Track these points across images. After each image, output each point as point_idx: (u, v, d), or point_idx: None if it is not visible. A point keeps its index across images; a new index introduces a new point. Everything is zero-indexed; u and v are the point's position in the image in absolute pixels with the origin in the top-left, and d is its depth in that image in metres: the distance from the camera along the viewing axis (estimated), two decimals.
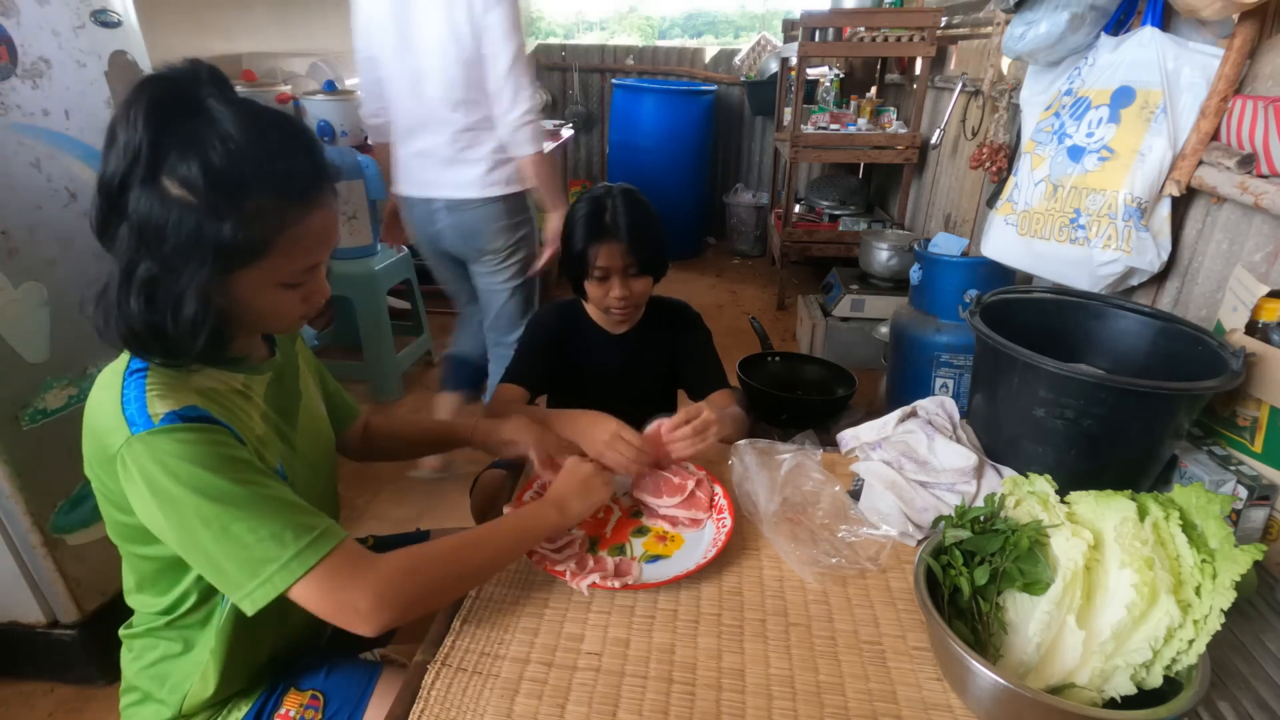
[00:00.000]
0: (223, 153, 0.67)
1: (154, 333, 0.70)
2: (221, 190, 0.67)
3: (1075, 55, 1.55)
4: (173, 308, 0.70)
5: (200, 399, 0.73)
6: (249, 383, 0.83)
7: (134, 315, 0.70)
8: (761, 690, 0.76)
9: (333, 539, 0.73)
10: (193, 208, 0.67)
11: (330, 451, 1.01)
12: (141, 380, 0.71)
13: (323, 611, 0.72)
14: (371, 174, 2.49)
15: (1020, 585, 0.74)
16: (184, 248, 0.68)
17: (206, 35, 2.88)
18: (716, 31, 7.66)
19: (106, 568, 1.52)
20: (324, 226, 0.76)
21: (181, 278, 0.69)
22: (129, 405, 0.70)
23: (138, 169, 0.67)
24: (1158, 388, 0.91)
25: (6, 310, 1.31)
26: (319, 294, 0.81)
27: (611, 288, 1.29)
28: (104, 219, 0.71)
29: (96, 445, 0.73)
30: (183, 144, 0.67)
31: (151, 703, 0.86)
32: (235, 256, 0.70)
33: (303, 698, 0.89)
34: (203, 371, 0.77)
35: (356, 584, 0.72)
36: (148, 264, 0.69)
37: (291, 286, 0.77)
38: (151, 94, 0.67)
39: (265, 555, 0.69)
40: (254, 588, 0.70)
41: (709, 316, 1.52)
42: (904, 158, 3.43)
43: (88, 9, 1.43)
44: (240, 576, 0.70)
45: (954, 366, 2.21)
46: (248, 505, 0.70)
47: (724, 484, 1.08)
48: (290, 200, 0.71)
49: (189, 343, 0.71)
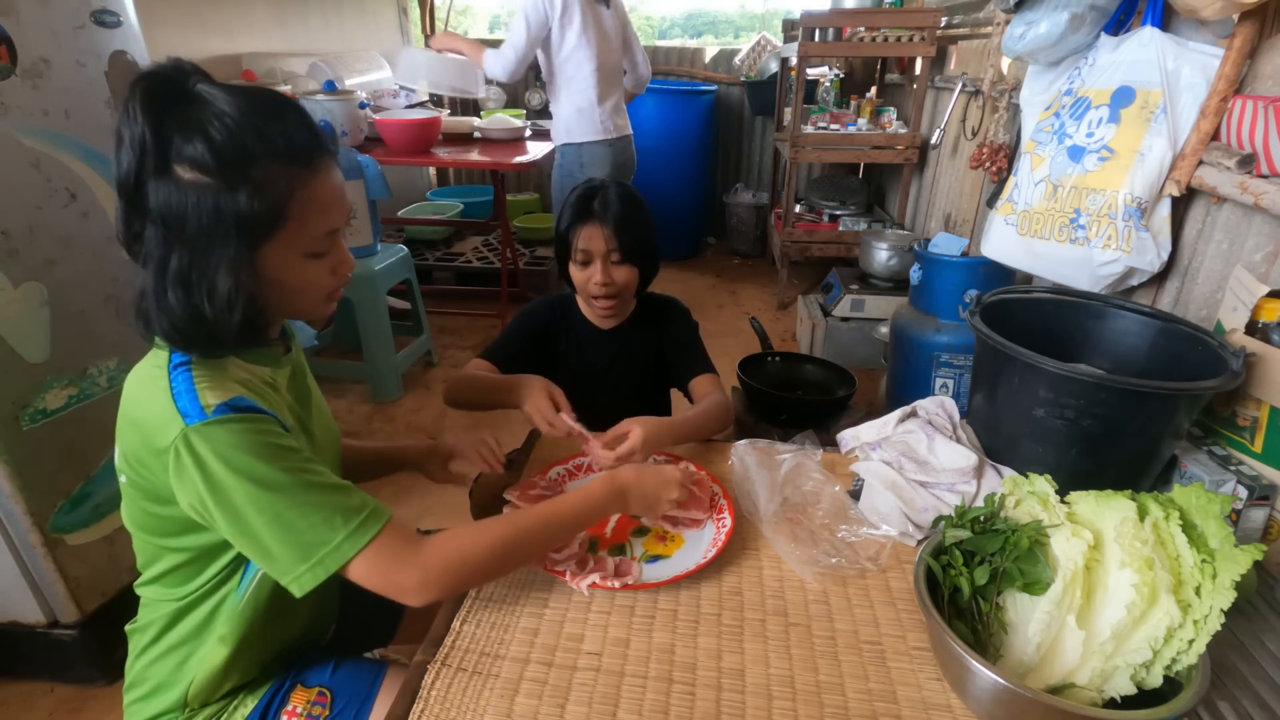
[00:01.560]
0: (222, 128, 0.70)
1: (194, 320, 0.72)
2: (229, 163, 0.70)
3: (1075, 55, 1.55)
4: (208, 291, 0.72)
5: (243, 390, 0.75)
6: (275, 376, 0.85)
7: (174, 308, 0.72)
8: (761, 690, 0.76)
9: (379, 520, 0.76)
10: (207, 187, 0.70)
11: (339, 448, 1.02)
12: (188, 373, 0.74)
13: (374, 587, 0.76)
14: (372, 174, 2.49)
15: (1020, 585, 0.74)
16: (207, 229, 0.70)
17: (206, 35, 2.88)
18: (716, 31, 7.67)
19: (106, 568, 1.52)
20: (333, 189, 0.78)
21: (211, 259, 0.71)
22: (180, 397, 0.72)
23: (147, 160, 0.69)
24: (1158, 388, 0.91)
25: (6, 310, 1.31)
26: (345, 265, 0.83)
27: (593, 273, 1.30)
28: (129, 222, 0.73)
29: (140, 439, 0.75)
30: (183, 128, 0.69)
31: (158, 697, 0.87)
32: (256, 228, 0.72)
33: (310, 694, 0.90)
34: (237, 364, 0.79)
35: (403, 566, 0.76)
36: (178, 254, 0.71)
37: (317, 256, 0.79)
38: (144, 88, 0.69)
39: (317, 539, 0.73)
40: (303, 571, 0.73)
41: (709, 316, 1.52)
42: (904, 158, 3.43)
43: (88, 9, 1.43)
44: (291, 560, 0.73)
45: (954, 366, 2.21)
46: (298, 492, 0.73)
47: (724, 484, 1.08)
48: (296, 164, 0.74)
49: (226, 323, 0.73)
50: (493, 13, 10.74)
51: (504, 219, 3.32)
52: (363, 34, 4.13)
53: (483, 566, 0.81)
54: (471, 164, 2.96)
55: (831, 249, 3.64)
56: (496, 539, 0.81)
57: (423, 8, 4.71)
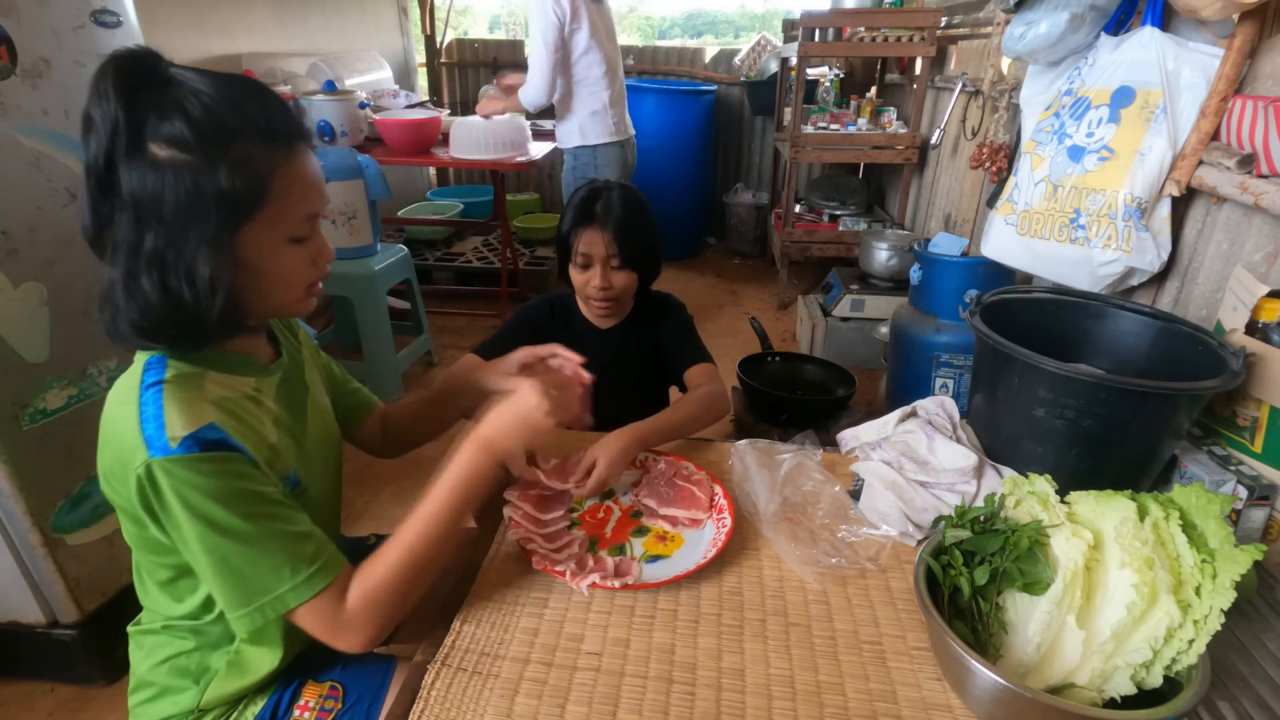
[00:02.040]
0: (199, 106, 0.68)
1: (170, 307, 0.70)
2: (209, 140, 0.68)
3: (1075, 55, 1.55)
4: (185, 274, 0.69)
5: (216, 413, 0.73)
6: (260, 386, 0.83)
7: (147, 296, 0.70)
8: (761, 690, 0.76)
9: (328, 575, 0.75)
10: (185, 166, 0.68)
11: (337, 444, 1.01)
12: (159, 395, 0.71)
13: (315, 635, 0.77)
14: (371, 174, 2.49)
15: (1020, 585, 0.74)
16: (184, 209, 0.68)
17: (206, 35, 2.88)
18: (716, 31, 7.68)
19: (107, 568, 1.52)
20: (312, 172, 0.77)
21: (189, 241, 0.69)
22: (147, 424, 0.70)
23: (120, 141, 0.67)
24: (1158, 388, 0.91)
25: (6, 310, 1.31)
26: (324, 255, 0.82)
27: (592, 277, 1.30)
28: (97, 209, 0.70)
29: (113, 459, 0.74)
30: (159, 108, 0.68)
31: (168, 698, 0.86)
32: (236, 207, 0.70)
33: (321, 689, 0.89)
34: (215, 379, 0.77)
35: (337, 627, 0.76)
36: (152, 238, 0.69)
37: (297, 242, 0.77)
38: (116, 68, 0.67)
39: (261, 587, 0.73)
40: (242, 614, 0.73)
41: (709, 316, 1.52)
42: (904, 158, 3.43)
43: (88, 9, 1.43)
44: (232, 603, 0.73)
45: (954, 366, 2.21)
46: (251, 540, 0.72)
47: (724, 484, 1.08)
48: (275, 143, 0.73)
49: (208, 308, 0.71)
50: (492, 13, 10.74)
51: (504, 219, 3.32)
52: (363, 34, 4.14)
53: (405, 594, 0.79)
54: (471, 164, 2.96)
55: (831, 249, 3.64)
56: (400, 566, 0.78)
57: (423, 8, 4.72)
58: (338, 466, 1.01)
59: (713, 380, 1.32)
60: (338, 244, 2.52)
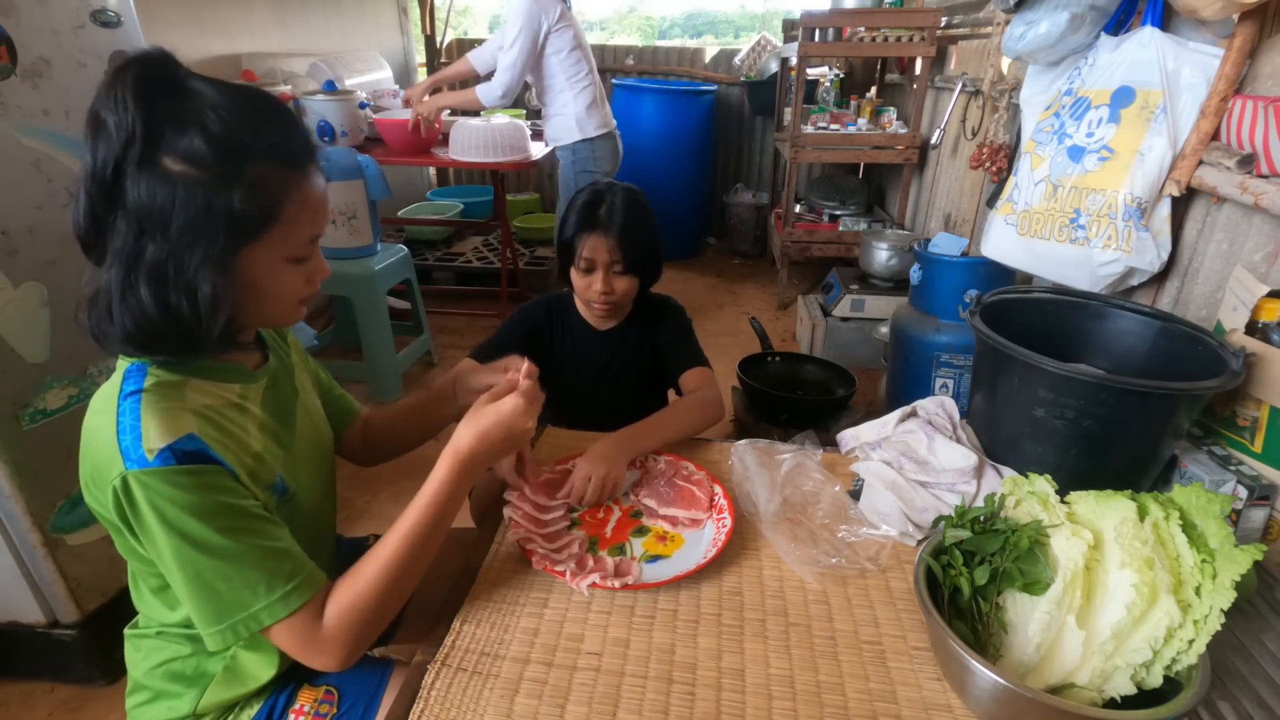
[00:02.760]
0: (219, 122, 0.67)
1: (167, 320, 0.69)
2: (226, 159, 0.67)
3: (1075, 55, 1.55)
4: (186, 291, 0.68)
5: (196, 422, 0.72)
6: (245, 393, 0.82)
7: (144, 308, 0.68)
8: (761, 690, 0.76)
9: (305, 593, 0.74)
10: (198, 182, 0.66)
11: (329, 448, 1.00)
12: (136, 404, 0.70)
13: (289, 653, 0.76)
14: (371, 174, 2.49)
15: (1020, 585, 0.74)
16: (193, 225, 0.67)
17: (206, 35, 2.88)
18: (716, 31, 7.68)
19: (106, 568, 1.52)
20: (322, 194, 0.77)
21: (194, 257, 0.68)
22: (124, 434, 0.68)
23: (133, 150, 0.65)
24: (1158, 388, 0.91)
25: (6, 310, 1.31)
26: (320, 272, 0.81)
27: (594, 281, 1.29)
28: (94, 214, 0.68)
29: (92, 469, 0.72)
30: (176, 120, 0.66)
31: (164, 702, 0.86)
32: (246, 228, 0.70)
33: (316, 693, 0.89)
34: (198, 386, 0.76)
35: (313, 645, 0.75)
36: (154, 250, 0.67)
37: (297, 262, 0.77)
38: (135, 74, 0.66)
39: (235, 604, 0.71)
40: (215, 631, 0.72)
41: (709, 316, 1.52)
42: (904, 158, 3.43)
43: (88, 9, 1.43)
44: (205, 619, 0.72)
45: (954, 366, 2.21)
46: (227, 556, 0.70)
47: (724, 484, 1.08)
48: (290, 165, 0.72)
49: (209, 324, 0.69)
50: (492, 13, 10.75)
51: (504, 219, 3.32)
52: (363, 34, 4.13)
53: (383, 611, 0.78)
54: (471, 164, 2.96)
55: (831, 249, 3.65)
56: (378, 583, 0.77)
57: (423, 8, 4.72)
58: (330, 471, 0.99)
59: (708, 385, 1.32)
60: (338, 244, 2.53)
